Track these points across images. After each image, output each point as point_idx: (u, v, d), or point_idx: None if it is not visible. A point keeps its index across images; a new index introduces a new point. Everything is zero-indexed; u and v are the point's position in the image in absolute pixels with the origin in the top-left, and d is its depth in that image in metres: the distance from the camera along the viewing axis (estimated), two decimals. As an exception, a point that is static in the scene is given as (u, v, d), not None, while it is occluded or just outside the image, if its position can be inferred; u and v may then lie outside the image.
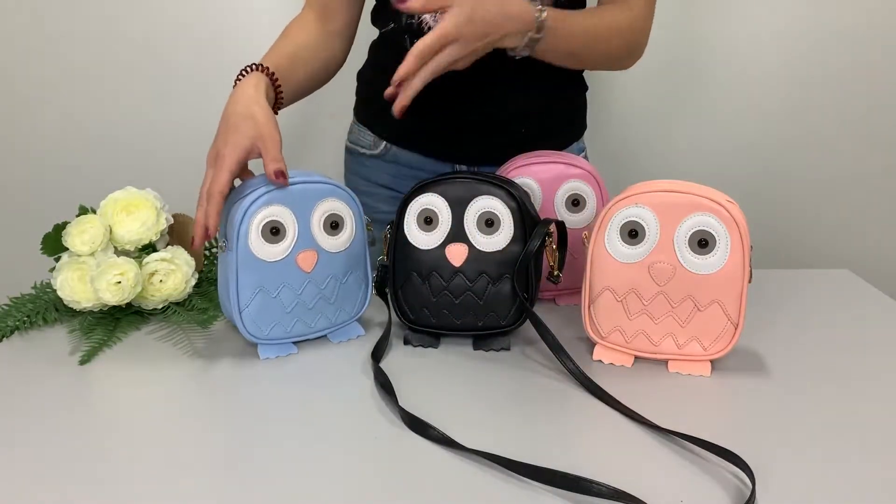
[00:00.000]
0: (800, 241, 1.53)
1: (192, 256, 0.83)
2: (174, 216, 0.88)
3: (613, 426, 0.60)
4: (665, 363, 0.71)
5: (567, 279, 0.80)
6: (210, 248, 0.91)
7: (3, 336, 0.78)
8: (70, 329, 0.80)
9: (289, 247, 0.72)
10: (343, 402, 0.65)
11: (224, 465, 0.55)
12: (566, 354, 0.68)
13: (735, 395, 0.66)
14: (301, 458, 0.56)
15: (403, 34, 0.91)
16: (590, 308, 0.72)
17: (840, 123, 1.45)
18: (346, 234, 0.76)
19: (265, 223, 0.70)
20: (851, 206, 1.50)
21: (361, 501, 0.51)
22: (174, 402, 0.65)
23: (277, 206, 0.71)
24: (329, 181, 0.75)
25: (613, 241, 0.69)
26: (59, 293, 0.79)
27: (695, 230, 0.66)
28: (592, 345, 0.73)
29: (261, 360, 0.73)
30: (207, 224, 0.70)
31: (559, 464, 0.53)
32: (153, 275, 0.81)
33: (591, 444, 0.58)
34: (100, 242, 0.80)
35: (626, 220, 0.68)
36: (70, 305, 0.80)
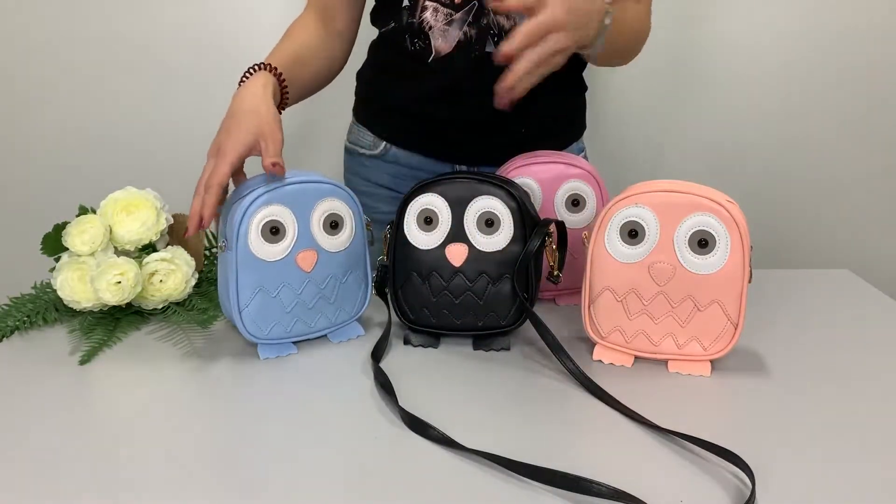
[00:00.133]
0: (800, 241, 1.53)
1: (192, 255, 0.83)
2: (174, 216, 0.87)
3: (613, 426, 0.60)
4: (665, 363, 0.71)
5: (567, 279, 0.80)
6: (210, 248, 0.91)
7: (3, 336, 0.78)
8: (70, 329, 0.80)
9: (288, 246, 0.72)
10: (343, 402, 0.65)
11: (224, 465, 0.55)
12: (566, 354, 0.68)
13: (735, 395, 0.66)
14: (301, 458, 0.56)
15: (403, 34, 0.91)
16: (590, 308, 0.72)
17: (840, 124, 1.45)
18: (346, 234, 0.76)
19: (265, 223, 0.70)
20: (851, 206, 1.50)
21: (361, 501, 0.51)
22: (174, 402, 0.65)
23: (277, 206, 0.71)
24: (329, 181, 0.75)
25: (613, 241, 0.69)
26: (59, 293, 0.79)
27: (695, 230, 0.66)
28: (592, 345, 0.73)
29: (261, 360, 0.73)
30: (203, 214, 0.71)
31: (559, 464, 0.53)
32: (153, 275, 0.81)
33: (591, 444, 0.58)
34: (100, 242, 0.80)
35: (626, 220, 0.68)
36: (70, 305, 0.80)
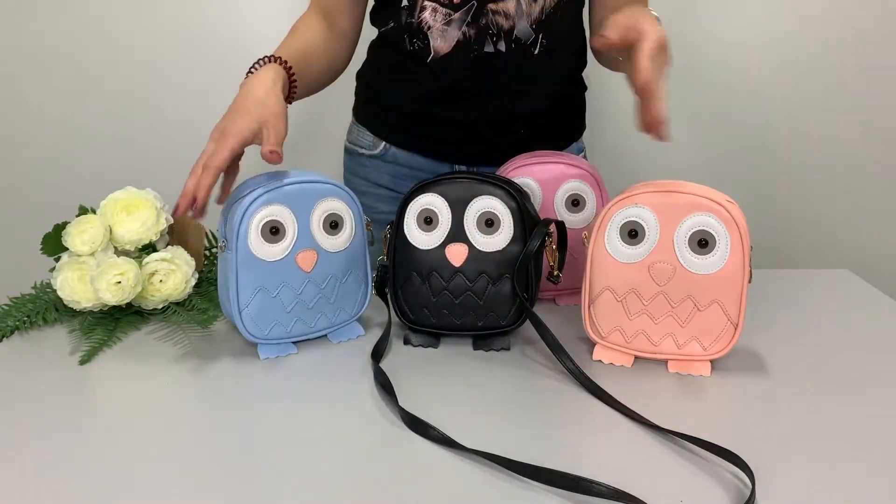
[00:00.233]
0: (800, 241, 1.53)
1: (192, 255, 0.83)
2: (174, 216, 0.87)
3: (613, 426, 0.60)
4: (665, 363, 0.71)
5: (567, 279, 0.80)
6: (210, 248, 0.91)
7: (3, 336, 0.78)
8: (70, 329, 0.80)
9: (288, 246, 0.72)
10: (343, 402, 0.65)
11: (224, 465, 0.55)
12: (566, 354, 0.68)
13: (735, 395, 0.65)
14: (301, 458, 0.56)
15: (402, 34, 0.91)
16: (590, 308, 0.72)
17: (840, 123, 1.45)
18: (346, 234, 0.76)
19: (265, 223, 0.70)
20: (851, 206, 1.50)
21: (361, 501, 0.51)
22: (174, 402, 0.65)
23: (277, 206, 0.71)
24: (329, 181, 0.75)
25: (613, 241, 0.69)
26: (59, 293, 0.79)
27: (695, 230, 0.66)
28: (592, 345, 0.73)
29: (261, 360, 0.73)
30: (197, 194, 0.70)
31: (559, 464, 0.53)
32: (153, 275, 0.81)
33: (591, 444, 0.58)
34: (100, 242, 0.80)
35: (626, 220, 0.68)
36: (70, 305, 0.80)
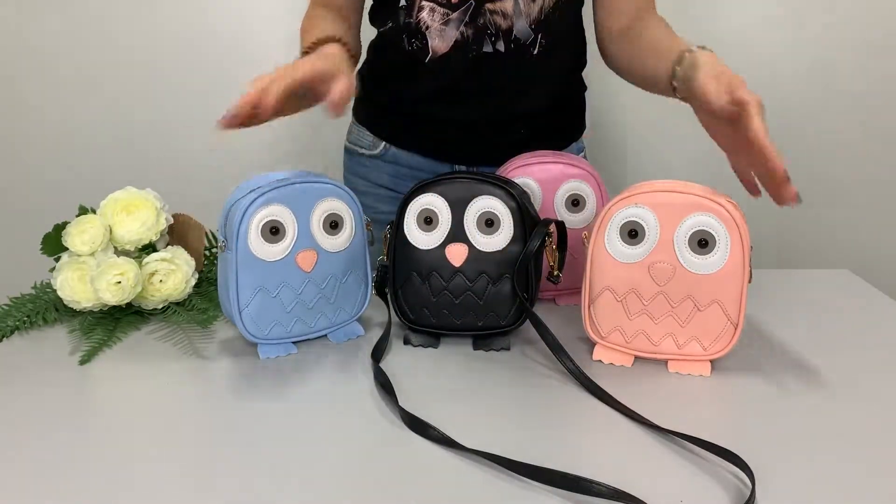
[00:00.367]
0: (800, 241, 1.53)
1: (192, 255, 0.83)
2: (174, 216, 0.88)
3: (613, 426, 0.60)
4: (665, 363, 0.71)
5: (567, 279, 0.80)
6: (210, 248, 0.91)
7: (3, 336, 0.78)
8: (70, 329, 0.80)
9: (288, 246, 0.72)
10: (343, 402, 0.65)
11: (224, 465, 0.55)
12: (566, 354, 0.68)
13: (735, 395, 0.65)
14: (301, 458, 0.56)
15: (401, 34, 0.90)
16: (590, 308, 0.72)
17: (840, 124, 1.45)
18: (346, 234, 0.76)
19: (265, 223, 0.70)
20: (851, 206, 1.50)
21: (361, 501, 0.51)
22: (174, 402, 0.65)
23: (277, 206, 0.71)
24: (329, 181, 0.75)
25: (613, 241, 0.69)
26: (59, 293, 0.79)
27: (695, 230, 0.66)
28: (592, 345, 0.73)
29: (261, 360, 0.73)
30: (264, 100, 0.63)
31: (559, 464, 0.53)
32: (153, 275, 0.81)
33: (591, 444, 0.58)
34: (100, 242, 0.80)
35: (626, 220, 0.68)
36: (70, 305, 0.80)
